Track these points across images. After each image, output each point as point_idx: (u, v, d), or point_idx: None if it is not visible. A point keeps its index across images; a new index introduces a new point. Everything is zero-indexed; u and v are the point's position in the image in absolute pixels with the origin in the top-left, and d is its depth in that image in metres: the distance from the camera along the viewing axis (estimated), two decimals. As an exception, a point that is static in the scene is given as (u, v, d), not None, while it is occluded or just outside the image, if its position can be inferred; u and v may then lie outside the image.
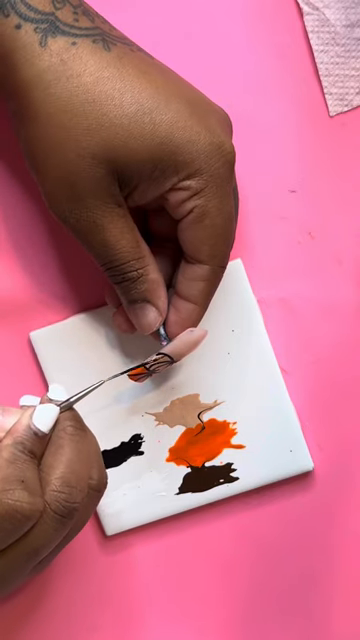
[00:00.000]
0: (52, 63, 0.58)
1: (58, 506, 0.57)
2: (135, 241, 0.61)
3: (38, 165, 0.60)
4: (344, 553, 0.68)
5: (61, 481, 0.57)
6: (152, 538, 0.69)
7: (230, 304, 0.66)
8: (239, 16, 0.67)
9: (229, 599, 0.69)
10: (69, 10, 0.59)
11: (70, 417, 0.59)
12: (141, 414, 0.68)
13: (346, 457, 0.68)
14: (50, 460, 0.58)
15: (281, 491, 0.68)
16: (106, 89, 0.58)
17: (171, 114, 0.59)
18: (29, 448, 0.57)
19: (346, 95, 0.67)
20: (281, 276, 0.68)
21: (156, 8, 0.67)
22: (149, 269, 0.62)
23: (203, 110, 0.60)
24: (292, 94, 0.67)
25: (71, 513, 0.57)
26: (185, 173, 0.59)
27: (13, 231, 0.68)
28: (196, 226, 0.60)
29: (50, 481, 0.57)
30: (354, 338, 0.68)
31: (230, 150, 0.60)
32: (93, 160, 0.58)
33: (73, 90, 0.58)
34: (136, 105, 0.58)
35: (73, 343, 0.67)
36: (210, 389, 0.67)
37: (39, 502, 0.57)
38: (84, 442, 0.59)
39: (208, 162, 0.59)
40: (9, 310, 0.68)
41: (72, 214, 0.60)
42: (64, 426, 0.59)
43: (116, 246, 0.60)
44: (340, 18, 0.66)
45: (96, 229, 0.60)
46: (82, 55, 0.58)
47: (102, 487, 0.60)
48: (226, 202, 0.60)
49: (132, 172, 0.59)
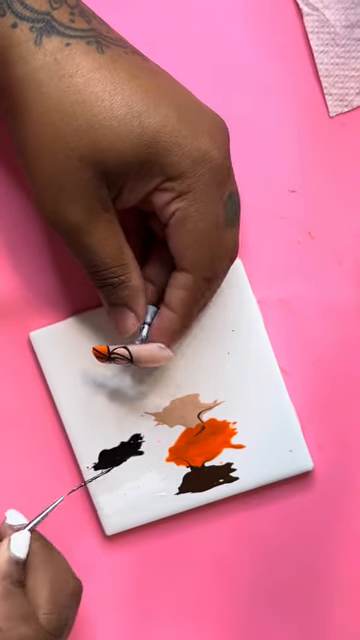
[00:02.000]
0: (46, 62, 0.58)
1: (52, 626, 0.61)
2: (119, 247, 0.61)
3: (29, 164, 0.60)
4: (344, 553, 0.68)
5: (51, 604, 0.61)
6: (152, 538, 0.69)
7: (230, 304, 0.66)
8: (239, 16, 0.67)
9: (229, 599, 0.69)
10: (66, 10, 0.59)
11: (35, 538, 0.62)
12: (141, 414, 0.68)
13: (346, 457, 0.68)
14: (32, 583, 0.61)
15: (281, 491, 0.68)
16: (97, 90, 0.58)
17: (159, 118, 0.59)
18: (17, 578, 0.60)
19: (346, 96, 0.67)
20: (281, 276, 0.68)
21: (156, 8, 0.67)
22: (131, 276, 0.62)
23: (193, 115, 0.60)
24: (292, 95, 0.67)
25: (64, 629, 0.61)
26: (170, 174, 0.59)
27: (13, 231, 0.68)
28: (179, 230, 0.61)
29: (40, 605, 0.61)
30: (354, 338, 0.68)
31: (216, 157, 0.60)
32: (81, 162, 0.59)
33: (64, 90, 0.58)
34: (126, 108, 0.58)
35: (73, 343, 0.67)
36: (210, 389, 0.67)
37: (38, 630, 0.60)
38: (52, 556, 0.62)
39: (193, 167, 0.59)
40: (9, 310, 0.68)
41: (59, 216, 0.60)
42: (33, 548, 0.62)
43: (100, 251, 0.61)
44: (340, 19, 0.66)
45: (81, 233, 0.60)
46: (75, 56, 0.58)
47: (81, 587, 0.63)
48: (211, 208, 0.60)
49: (119, 173, 0.59)
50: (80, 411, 0.68)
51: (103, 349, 0.63)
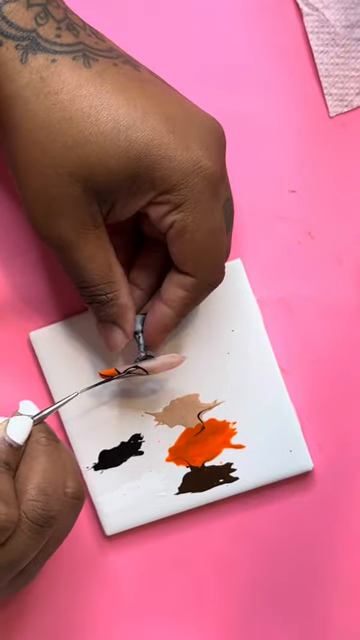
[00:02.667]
0: (31, 80, 0.58)
1: (35, 515, 0.57)
2: (108, 265, 0.61)
3: (20, 178, 0.60)
4: (344, 553, 0.68)
5: (37, 490, 0.58)
6: (152, 538, 0.69)
7: (230, 304, 0.66)
8: (239, 16, 0.67)
9: (229, 599, 0.69)
10: (52, 25, 0.59)
11: (43, 429, 0.60)
12: (141, 414, 0.68)
13: (346, 457, 0.68)
14: (25, 471, 0.58)
15: (281, 491, 0.68)
16: (82, 107, 0.58)
17: (147, 131, 0.58)
18: (4, 459, 0.58)
19: (346, 96, 0.67)
20: (281, 276, 0.68)
21: (155, 9, 0.67)
22: (119, 294, 0.62)
23: (183, 125, 0.59)
24: (292, 95, 0.67)
25: (49, 521, 0.58)
26: (162, 188, 0.59)
27: (13, 231, 0.68)
28: (178, 240, 0.61)
29: (26, 491, 0.58)
30: (354, 338, 0.68)
31: (209, 166, 0.59)
32: (70, 178, 0.59)
33: (51, 107, 0.58)
34: (112, 122, 0.58)
35: (73, 343, 0.67)
36: (210, 389, 0.67)
37: (15, 513, 0.57)
38: (58, 452, 0.60)
39: (185, 178, 0.59)
40: (9, 310, 0.68)
41: (50, 230, 0.60)
42: (37, 437, 0.59)
43: (88, 267, 0.61)
44: (340, 19, 0.66)
45: (70, 248, 0.60)
46: (61, 72, 0.58)
47: (80, 495, 0.60)
48: (207, 218, 0.60)
49: (109, 189, 0.59)
50: (80, 411, 0.67)
51: (112, 372, 0.64)
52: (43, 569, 0.68)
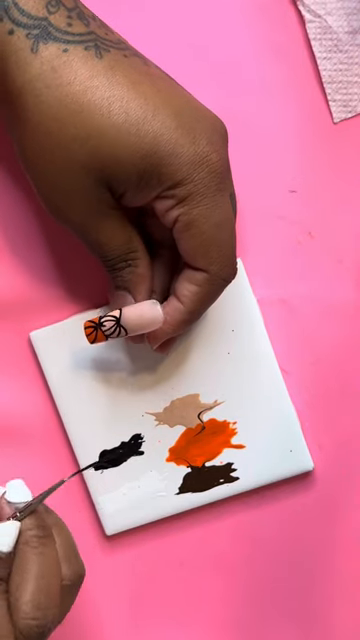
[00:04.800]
0: (43, 70, 0.58)
1: (32, 632, 0.55)
2: (128, 237, 0.62)
3: (31, 170, 0.60)
4: (345, 553, 0.68)
5: (31, 605, 0.55)
6: (152, 538, 0.69)
7: (230, 304, 0.66)
8: (242, 22, 0.67)
9: (229, 599, 0.69)
10: (63, 14, 0.59)
11: (33, 525, 0.57)
12: (141, 414, 0.68)
13: (346, 457, 0.68)
14: (17, 579, 0.56)
15: (281, 491, 0.68)
16: (95, 98, 0.58)
17: (157, 126, 0.58)
18: None
19: (350, 102, 0.67)
20: (281, 276, 0.68)
21: (159, 17, 0.67)
22: (139, 262, 0.62)
23: (191, 120, 0.60)
24: (294, 97, 0.67)
25: (46, 633, 0.56)
26: (169, 183, 0.59)
27: (13, 231, 0.68)
28: (185, 235, 0.60)
29: (20, 607, 0.55)
30: (354, 338, 0.68)
31: (216, 160, 0.60)
32: (82, 169, 0.59)
33: (63, 99, 0.58)
34: (124, 115, 0.58)
35: (73, 343, 0.67)
36: (210, 389, 0.67)
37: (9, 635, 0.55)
38: (50, 550, 0.57)
39: (191, 173, 0.59)
40: (9, 310, 0.68)
41: (66, 218, 0.61)
42: (27, 538, 0.56)
43: (109, 244, 0.61)
44: (342, 25, 0.66)
45: (89, 231, 0.61)
46: (73, 63, 0.58)
47: (78, 579, 0.58)
48: (214, 211, 0.60)
49: (119, 181, 0.59)
50: (80, 411, 0.68)
51: (95, 320, 0.62)
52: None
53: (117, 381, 0.67)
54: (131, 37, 0.63)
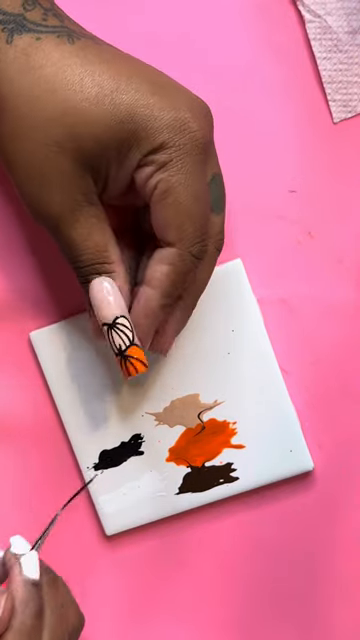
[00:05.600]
0: (16, 57, 0.58)
1: None
2: (104, 244, 0.60)
3: (7, 159, 0.59)
4: (345, 553, 0.68)
5: None
6: (152, 538, 0.69)
7: (230, 304, 0.66)
8: (240, 23, 0.67)
9: (229, 599, 0.69)
10: (39, 12, 0.59)
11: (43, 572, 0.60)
12: (141, 414, 0.68)
13: (346, 457, 0.68)
14: None
15: (281, 491, 0.68)
16: (66, 76, 0.58)
17: (132, 93, 0.58)
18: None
19: (350, 102, 0.66)
20: (281, 276, 0.68)
21: (159, 17, 0.67)
22: (115, 276, 0.60)
23: (169, 91, 0.59)
24: (296, 101, 0.67)
25: None
26: (148, 147, 0.58)
27: (12, 231, 0.68)
28: (161, 204, 0.59)
29: None
30: (354, 338, 0.68)
31: (196, 129, 0.58)
32: (59, 149, 0.58)
33: (35, 81, 0.58)
34: (97, 88, 0.58)
35: (73, 343, 0.67)
36: (210, 389, 0.67)
37: None
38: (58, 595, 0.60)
39: (172, 137, 0.58)
40: (9, 310, 0.68)
41: (41, 208, 0.59)
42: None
43: (82, 246, 0.59)
44: (342, 25, 0.66)
45: (63, 225, 0.59)
46: (45, 48, 0.58)
47: (81, 627, 0.61)
48: (193, 180, 0.59)
49: (99, 157, 0.58)
50: (80, 411, 0.68)
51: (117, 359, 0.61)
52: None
53: (117, 381, 0.67)
54: (130, 37, 0.63)
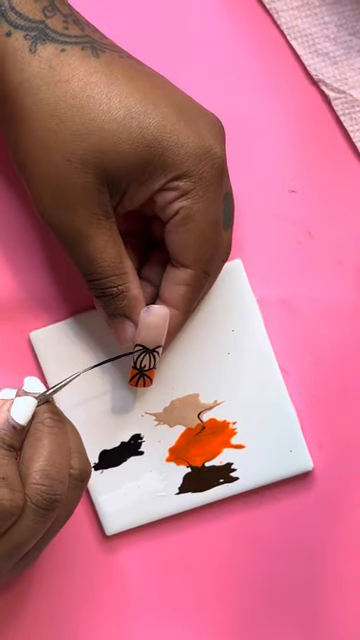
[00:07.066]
0: (41, 69, 0.58)
1: (39, 499, 0.58)
2: (118, 256, 0.61)
3: (26, 170, 0.60)
4: (344, 553, 0.68)
5: (41, 474, 0.58)
6: (152, 538, 0.69)
7: (230, 304, 0.66)
8: (241, 23, 0.67)
9: (229, 599, 0.69)
10: (59, 18, 0.59)
11: (47, 409, 0.60)
12: (141, 414, 0.68)
13: (346, 457, 0.68)
14: (30, 453, 0.59)
15: (281, 491, 0.68)
16: (94, 94, 0.58)
17: (159, 118, 0.59)
18: (8, 442, 0.58)
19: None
20: (281, 276, 0.68)
21: (158, 17, 0.67)
22: (130, 286, 0.62)
23: (191, 114, 0.60)
24: (295, 100, 0.67)
25: (53, 505, 0.58)
26: (174, 174, 0.59)
27: (13, 232, 0.68)
28: (181, 229, 0.60)
29: (30, 474, 0.58)
30: (354, 338, 0.68)
31: (219, 155, 0.60)
32: (82, 166, 0.59)
33: (61, 95, 0.58)
34: (124, 110, 0.58)
35: (73, 343, 0.67)
36: (210, 389, 0.67)
37: (20, 497, 0.57)
38: (63, 433, 0.60)
39: (196, 165, 0.59)
40: (9, 310, 0.68)
41: (59, 221, 0.60)
42: (42, 418, 0.60)
43: (98, 259, 0.61)
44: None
45: (80, 239, 0.60)
46: (71, 61, 0.59)
47: (85, 476, 0.60)
48: (212, 208, 0.61)
49: (121, 176, 0.59)
50: (80, 411, 0.67)
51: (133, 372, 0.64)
52: (43, 569, 0.68)
53: (117, 381, 0.67)
54: (128, 37, 0.63)
